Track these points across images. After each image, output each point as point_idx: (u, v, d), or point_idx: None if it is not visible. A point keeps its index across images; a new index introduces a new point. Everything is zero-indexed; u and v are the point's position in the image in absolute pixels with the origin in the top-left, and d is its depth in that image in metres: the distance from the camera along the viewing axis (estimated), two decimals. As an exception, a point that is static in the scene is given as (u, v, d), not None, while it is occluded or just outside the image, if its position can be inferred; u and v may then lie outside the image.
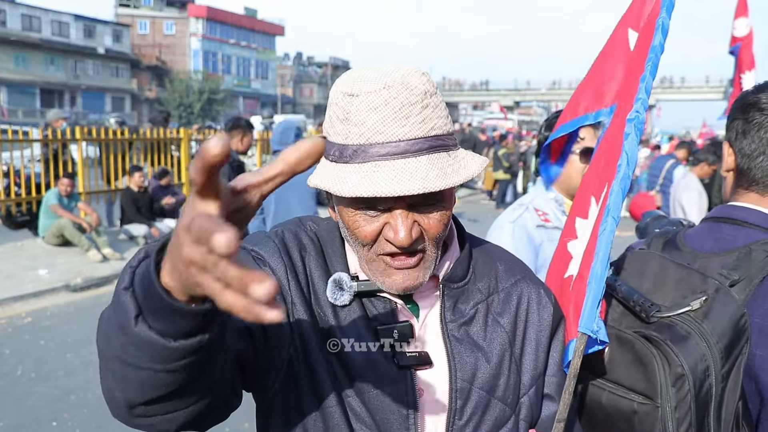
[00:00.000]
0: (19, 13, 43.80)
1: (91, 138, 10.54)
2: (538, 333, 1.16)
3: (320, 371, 1.05)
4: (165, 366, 0.76)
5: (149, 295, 0.72)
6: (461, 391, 1.07)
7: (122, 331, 0.76)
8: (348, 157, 0.95)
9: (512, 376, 1.12)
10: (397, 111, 0.93)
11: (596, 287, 1.17)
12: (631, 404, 1.18)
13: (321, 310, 1.08)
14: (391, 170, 0.92)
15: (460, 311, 1.11)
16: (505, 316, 1.14)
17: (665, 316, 1.20)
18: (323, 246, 1.14)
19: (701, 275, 1.23)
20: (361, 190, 0.92)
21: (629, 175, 1.19)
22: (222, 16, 58.75)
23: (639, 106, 1.22)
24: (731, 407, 1.17)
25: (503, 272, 1.19)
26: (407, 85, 0.95)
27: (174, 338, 0.74)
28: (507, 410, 1.10)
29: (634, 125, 1.21)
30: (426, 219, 1.00)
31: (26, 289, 7.36)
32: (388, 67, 0.99)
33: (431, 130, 0.96)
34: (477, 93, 71.61)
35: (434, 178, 0.93)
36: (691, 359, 1.12)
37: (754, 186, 1.35)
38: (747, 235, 1.29)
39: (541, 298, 1.19)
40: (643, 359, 1.16)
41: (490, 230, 2.46)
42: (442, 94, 1.04)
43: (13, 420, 4.34)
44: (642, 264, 1.35)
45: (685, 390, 1.12)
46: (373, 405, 1.05)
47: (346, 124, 0.95)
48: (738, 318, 1.16)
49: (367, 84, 0.95)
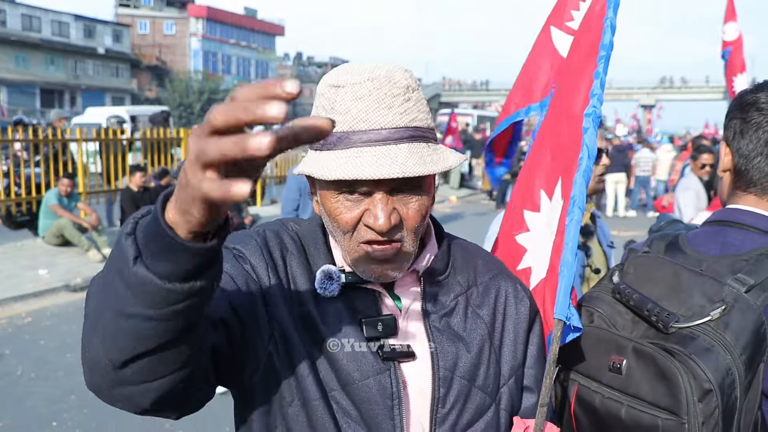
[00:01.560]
0: (19, 13, 43.79)
1: (91, 138, 10.54)
2: (516, 325, 1.20)
3: (302, 365, 1.06)
4: (157, 311, 0.78)
5: (152, 234, 0.75)
6: (444, 379, 1.10)
7: (119, 276, 0.78)
8: (332, 144, 1.00)
9: (492, 366, 1.15)
10: (380, 101, 0.99)
11: (567, 275, 1.21)
12: (654, 420, 1.14)
13: (303, 305, 1.10)
14: (373, 155, 0.97)
15: (441, 303, 1.15)
16: (484, 309, 1.18)
17: (684, 326, 1.17)
18: (305, 245, 1.16)
19: (717, 282, 1.19)
20: (343, 173, 0.96)
21: (590, 167, 1.26)
22: (222, 16, 58.74)
23: (595, 101, 1.28)
24: (750, 417, 1.15)
25: (481, 267, 1.23)
26: (391, 78, 1.00)
27: (169, 280, 0.76)
28: (487, 399, 1.13)
29: (592, 120, 1.27)
30: (405, 207, 1.03)
31: (26, 289, 7.36)
32: (373, 63, 1.05)
33: (412, 122, 1.01)
34: (477, 93, 71.56)
35: (413, 164, 0.98)
36: (718, 374, 1.09)
37: (752, 187, 1.32)
38: (754, 240, 1.26)
39: (518, 293, 1.23)
40: (667, 374, 1.12)
41: (490, 227, 2.48)
42: (442, 94, 1.05)
43: (13, 420, 4.34)
44: (652, 270, 1.31)
45: (713, 405, 1.09)
46: (358, 397, 1.06)
47: (331, 114, 1.00)
48: (758, 326, 1.14)
49: (353, 76, 1.00)
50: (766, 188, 1.30)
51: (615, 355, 1.23)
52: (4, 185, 9.17)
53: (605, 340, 1.25)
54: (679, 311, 1.20)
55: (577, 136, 1.29)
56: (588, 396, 1.27)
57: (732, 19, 4.54)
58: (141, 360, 0.83)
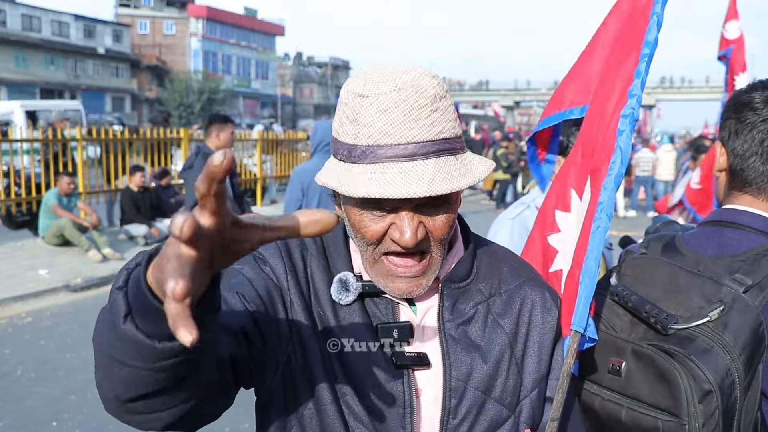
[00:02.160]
0: (19, 13, 43.79)
1: (91, 138, 10.54)
2: (542, 336, 1.15)
3: (317, 369, 1.05)
4: (150, 365, 0.78)
5: (137, 294, 0.74)
6: (455, 390, 1.07)
7: (112, 328, 0.78)
8: (356, 157, 0.97)
9: (511, 377, 1.11)
10: (407, 114, 0.94)
11: (589, 285, 1.15)
12: (654, 422, 1.14)
13: (321, 309, 1.09)
14: (399, 172, 0.94)
15: (459, 311, 1.11)
16: (506, 318, 1.14)
17: (683, 327, 1.16)
18: (326, 246, 1.14)
19: (715, 282, 1.19)
20: (368, 191, 0.93)
21: (622, 173, 1.17)
22: (222, 16, 58.73)
23: (634, 102, 1.18)
24: (750, 417, 1.15)
25: (507, 274, 1.18)
26: (417, 87, 0.96)
27: (159, 339, 0.75)
28: (504, 411, 1.09)
29: (629, 121, 1.18)
30: (432, 221, 1.01)
31: (26, 289, 7.36)
32: (399, 68, 1.00)
33: (440, 134, 0.97)
34: (477, 93, 71.58)
35: (441, 181, 0.94)
36: (717, 374, 1.09)
37: (747, 187, 1.32)
38: (751, 240, 1.26)
39: (546, 302, 1.18)
40: (666, 375, 1.12)
41: (491, 228, 2.46)
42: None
43: (13, 420, 4.34)
44: (649, 271, 1.30)
45: (713, 406, 1.09)
46: (371, 404, 1.05)
47: (356, 125, 0.96)
48: (757, 327, 1.13)
49: (378, 85, 0.96)
50: (762, 188, 1.30)
51: (614, 357, 1.22)
52: (4, 185, 9.17)
53: (604, 343, 1.24)
54: (677, 312, 1.20)
55: (611, 136, 1.21)
56: (588, 398, 1.27)
57: (734, 17, 4.53)
58: (146, 399, 0.83)
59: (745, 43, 4.46)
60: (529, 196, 2.53)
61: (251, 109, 59.89)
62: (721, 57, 4.56)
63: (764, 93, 1.29)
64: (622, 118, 1.19)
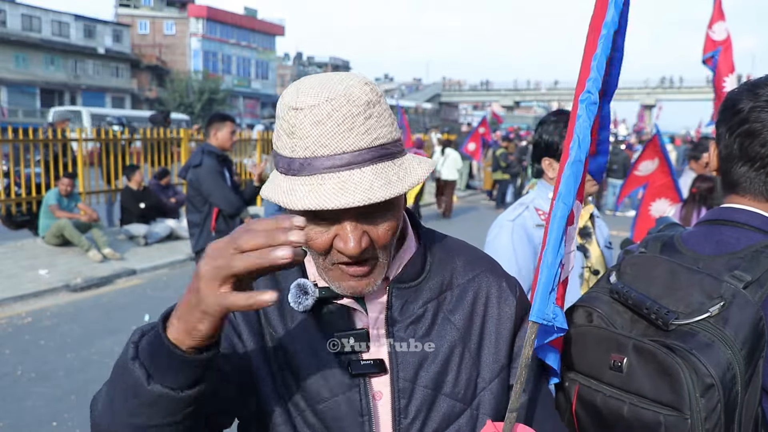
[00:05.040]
0: (19, 13, 43.78)
1: (91, 138, 10.54)
2: (498, 326, 1.17)
3: (266, 389, 1.09)
4: (173, 418, 0.90)
5: (159, 354, 0.88)
6: (403, 390, 1.08)
7: (134, 396, 0.89)
8: (295, 170, 0.98)
9: (464, 371, 1.12)
10: (340, 123, 0.95)
11: (547, 273, 1.13)
12: (656, 416, 1.14)
13: (272, 329, 1.11)
14: (337, 182, 0.95)
15: (408, 311, 1.12)
16: (457, 313, 1.15)
17: (684, 323, 1.17)
18: None
19: (714, 279, 1.20)
20: (307, 203, 0.94)
21: (581, 159, 1.14)
22: (222, 16, 58.73)
23: (591, 85, 1.16)
24: (751, 413, 1.15)
25: (461, 268, 1.19)
26: (349, 96, 0.96)
27: (181, 389, 0.88)
28: (458, 405, 1.11)
29: (586, 106, 1.15)
30: (375, 229, 1.01)
31: (26, 289, 7.36)
32: (332, 77, 1.00)
33: (375, 140, 0.97)
34: (477, 93, 71.55)
35: (379, 188, 0.95)
36: (719, 368, 1.10)
37: (735, 188, 1.34)
38: (749, 237, 1.27)
39: (503, 292, 1.19)
40: (668, 370, 1.12)
41: (490, 229, 2.46)
42: (442, 94, 1.03)
43: (13, 420, 4.34)
44: (648, 268, 1.31)
45: (715, 400, 1.09)
46: (328, 416, 1.07)
47: (292, 138, 0.97)
48: (757, 322, 1.14)
49: (310, 98, 0.96)
50: (747, 189, 1.32)
51: (615, 353, 1.23)
52: (4, 185, 9.17)
53: (605, 339, 1.25)
54: (678, 309, 1.20)
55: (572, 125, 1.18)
56: (589, 395, 1.27)
57: (720, 19, 4.53)
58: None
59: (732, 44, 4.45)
60: (528, 196, 2.53)
61: (251, 109, 59.89)
62: (706, 60, 4.55)
63: (749, 95, 1.30)
64: (580, 103, 1.16)
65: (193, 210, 5.14)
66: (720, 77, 4.39)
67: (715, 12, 4.60)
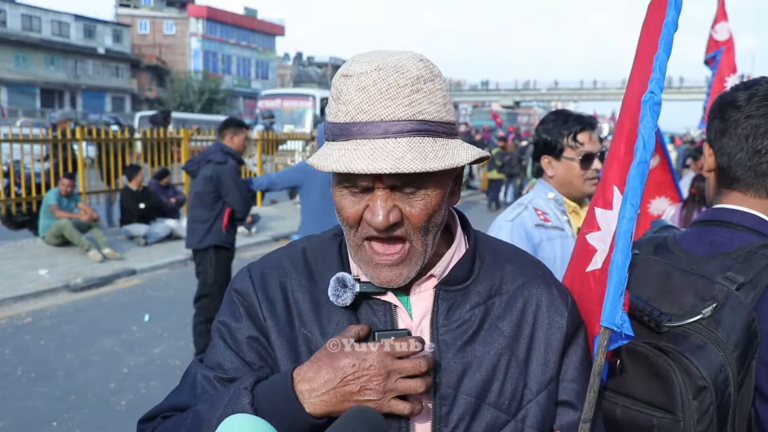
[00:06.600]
0: (19, 13, 43.79)
1: (91, 138, 10.54)
2: (548, 336, 1.10)
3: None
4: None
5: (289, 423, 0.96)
6: (445, 397, 1.04)
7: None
8: (336, 134, 0.98)
9: (509, 381, 1.07)
10: (384, 92, 0.94)
11: (617, 278, 1.10)
12: (649, 418, 1.15)
13: (306, 330, 1.08)
14: (369, 149, 0.93)
15: (455, 315, 1.08)
16: (505, 320, 1.09)
17: (677, 325, 1.17)
18: (310, 259, 1.14)
19: (707, 281, 1.20)
20: (335, 166, 0.94)
21: (647, 159, 1.12)
22: (222, 16, 58.71)
23: (654, 86, 1.14)
24: (744, 414, 1.15)
25: (510, 274, 1.14)
26: (400, 68, 0.95)
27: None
28: (502, 416, 1.05)
29: (649, 106, 1.13)
30: (408, 205, 0.98)
31: (26, 289, 7.36)
32: (389, 51, 1.00)
33: (417, 114, 0.95)
34: (477, 93, 71.58)
35: (411, 160, 0.92)
36: (711, 370, 1.10)
37: (735, 184, 1.34)
38: (742, 238, 1.28)
39: (554, 300, 1.13)
40: (661, 372, 1.12)
41: (488, 230, 2.46)
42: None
43: (13, 420, 4.35)
44: (642, 270, 1.31)
45: (707, 402, 1.09)
46: None
47: (338, 103, 0.98)
48: (750, 323, 1.14)
49: (361, 66, 0.97)
50: (750, 183, 1.32)
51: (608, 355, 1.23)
52: (4, 185, 9.17)
53: None
54: (671, 311, 1.21)
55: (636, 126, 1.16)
56: None
57: (723, 19, 4.52)
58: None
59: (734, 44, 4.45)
60: (527, 196, 2.54)
61: (251, 109, 59.86)
62: (708, 61, 4.54)
63: (747, 92, 1.31)
64: (642, 104, 1.15)
65: (200, 205, 5.12)
66: (722, 77, 4.38)
67: (718, 12, 4.59)
